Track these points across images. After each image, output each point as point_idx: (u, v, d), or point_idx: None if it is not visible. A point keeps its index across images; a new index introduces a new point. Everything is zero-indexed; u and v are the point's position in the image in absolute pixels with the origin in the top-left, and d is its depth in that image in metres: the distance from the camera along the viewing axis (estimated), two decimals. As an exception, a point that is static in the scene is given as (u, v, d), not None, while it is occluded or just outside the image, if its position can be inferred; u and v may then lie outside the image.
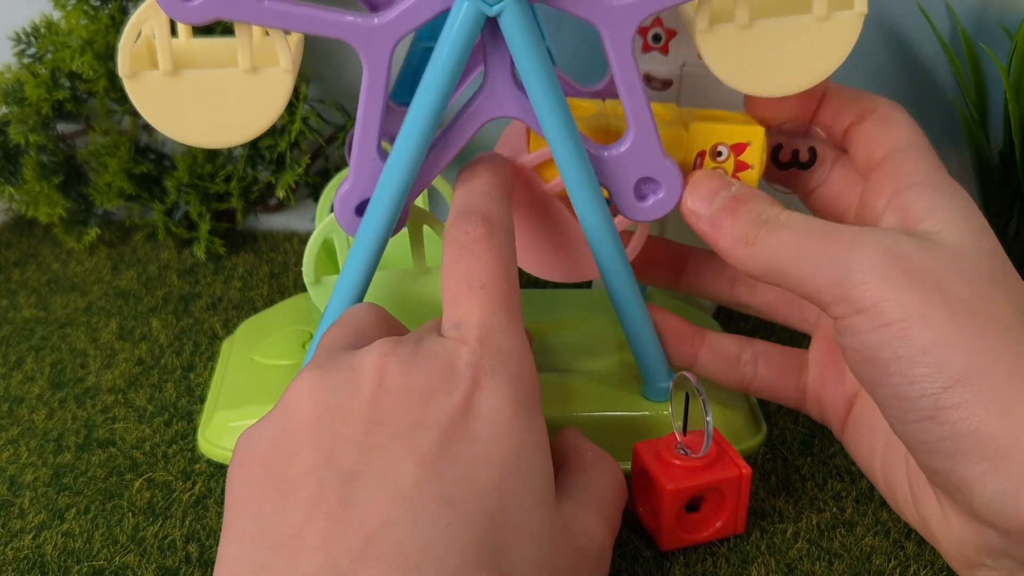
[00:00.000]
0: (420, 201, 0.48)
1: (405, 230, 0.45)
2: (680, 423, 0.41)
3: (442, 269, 0.38)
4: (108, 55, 0.58)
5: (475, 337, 0.35)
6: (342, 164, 0.61)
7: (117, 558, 0.41)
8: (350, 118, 0.61)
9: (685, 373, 0.40)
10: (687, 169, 0.43)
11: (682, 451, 0.41)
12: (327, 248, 0.50)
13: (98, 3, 0.59)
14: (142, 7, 0.40)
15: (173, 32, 0.41)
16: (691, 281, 0.48)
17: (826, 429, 0.48)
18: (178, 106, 0.41)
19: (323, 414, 0.34)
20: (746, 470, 0.40)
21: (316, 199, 0.63)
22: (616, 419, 0.45)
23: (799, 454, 0.47)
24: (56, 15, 0.59)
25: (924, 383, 0.34)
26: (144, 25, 0.40)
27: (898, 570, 0.40)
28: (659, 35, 0.50)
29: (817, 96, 0.43)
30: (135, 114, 0.61)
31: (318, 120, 0.60)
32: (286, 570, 0.31)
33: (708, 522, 0.41)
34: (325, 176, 0.62)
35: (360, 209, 0.42)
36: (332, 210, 0.44)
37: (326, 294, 0.47)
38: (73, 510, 0.43)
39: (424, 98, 0.40)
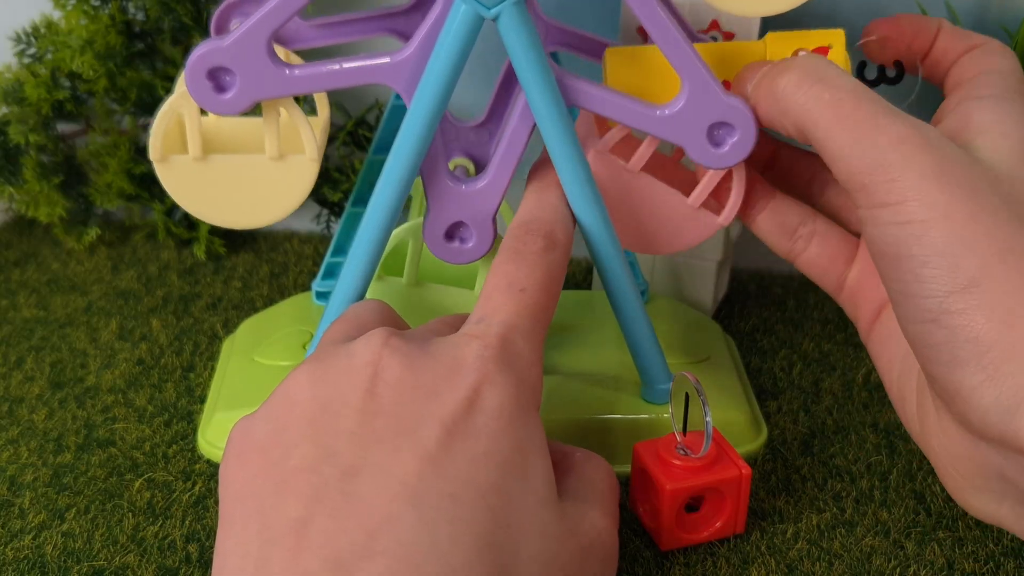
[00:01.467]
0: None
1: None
2: (680, 423, 0.41)
3: (490, 268, 0.38)
4: (108, 55, 0.58)
5: (495, 333, 0.35)
6: (342, 164, 0.61)
7: (117, 558, 0.41)
8: (350, 117, 0.61)
9: (684, 373, 0.40)
10: None
11: (682, 451, 0.41)
12: (399, 251, 0.49)
13: (98, 3, 0.59)
14: (176, 95, 0.42)
15: (202, 111, 0.42)
16: (780, 176, 0.46)
17: (826, 429, 0.48)
18: (206, 189, 0.43)
19: (321, 406, 0.34)
20: (746, 470, 0.40)
21: (316, 199, 0.63)
22: (615, 421, 0.45)
23: (799, 454, 0.47)
24: (56, 15, 0.59)
25: (932, 284, 0.34)
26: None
27: (898, 570, 0.40)
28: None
29: (932, 33, 0.42)
30: (135, 114, 0.61)
31: (318, 120, 0.60)
32: (289, 565, 0.31)
33: (708, 522, 0.41)
34: (325, 176, 0.62)
35: (450, 234, 0.43)
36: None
37: (380, 291, 0.47)
38: (73, 510, 0.43)
39: (422, 102, 0.40)
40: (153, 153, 0.42)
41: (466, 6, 0.38)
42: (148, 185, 0.61)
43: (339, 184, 0.61)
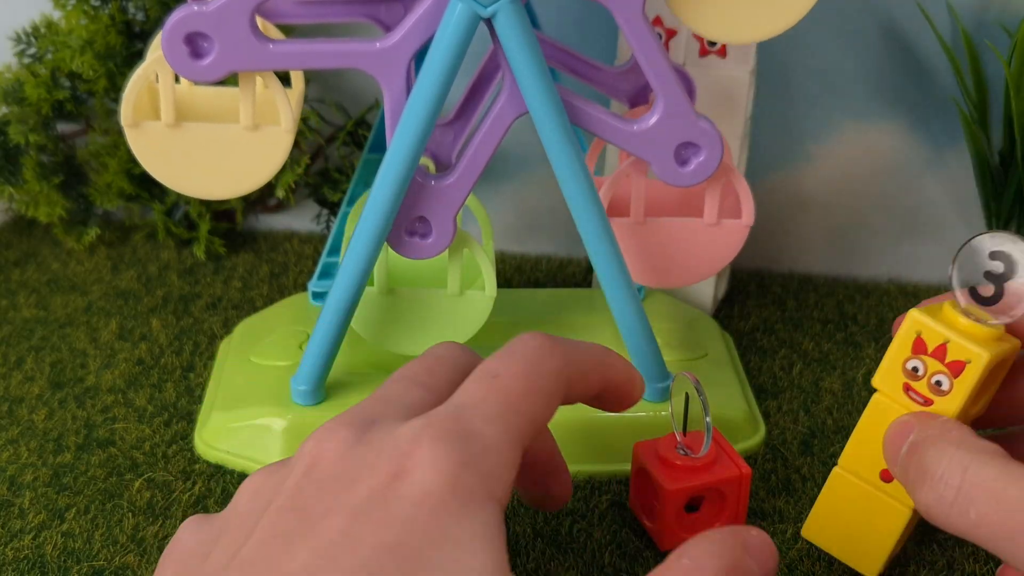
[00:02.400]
0: None
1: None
2: (680, 423, 0.41)
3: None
4: (108, 55, 0.58)
5: (445, 413, 0.31)
6: (342, 164, 0.62)
7: (117, 558, 0.41)
8: (350, 118, 0.61)
9: (684, 373, 0.40)
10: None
11: (682, 451, 0.40)
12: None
13: (98, 3, 0.59)
14: (150, 60, 0.41)
15: (176, 79, 0.41)
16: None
17: (826, 429, 0.48)
18: (177, 157, 0.42)
19: (254, 505, 0.32)
20: (746, 470, 0.40)
21: (316, 199, 0.63)
22: (613, 420, 0.45)
23: (799, 454, 0.47)
24: (56, 15, 0.59)
25: None
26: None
27: (897, 570, 0.40)
28: (659, 35, 0.50)
29: None
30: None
31: (318, 120, 0.60)
32: None
33: (708, 522, 0.41)
34: (325, 176, 0.62)
35: (410, 229, 0.43)
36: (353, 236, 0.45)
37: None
38: (73, 510, 0.43)
39: (419, 101, 0.40)
40: (124, 118, 0.41)
41: (463, 5, 0.38)
42: (148, 185, 0.61)
43: (339, 184, 0.61)
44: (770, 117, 0.58)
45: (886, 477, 0.37)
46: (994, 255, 0.34)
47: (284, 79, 0.46)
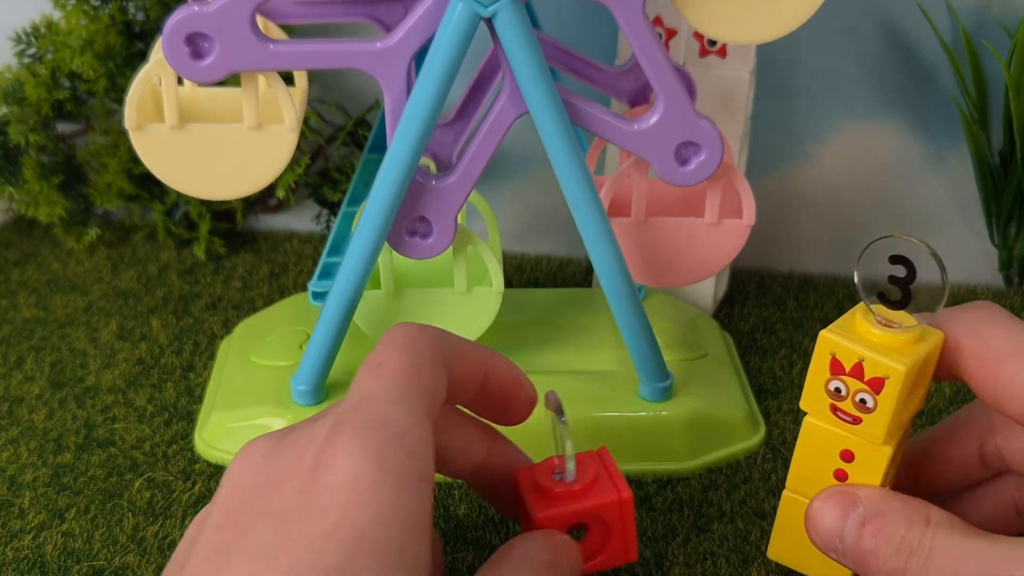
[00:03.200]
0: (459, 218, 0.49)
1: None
2: (560, 445, 0.36)
3: None
4: (108, 55, 0.58)
5: (350, 403, 0.32)
6: (342, 164, 0.62)
7: (117, 558, 0.41)
8: (350, 118, 0.61)
9: (550, 392, 0.36)
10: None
11: (559, 476, 0.36)
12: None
13: (98, 3, 0.59)
14: (152, 63, 0.41)
15: (180, 81, 0.41)
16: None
17: (826, 429, 0.48)
18: (182, 159, 0.42)
19: (191, 528, 0.32)
20: (626, 495, 0.36)
21: (316, 199, 0.63)
22: (613, 419, 0.45)
23: (799, 454, 0.47)
24: (56, 15, 0.59)
25: None
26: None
27: None
28: (659, 35, 0.50)
29: None
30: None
31: (318, 120, 0.60)
32: None
33: (596, 549, 0.37)
34: (325, 176, 0.62)
35: (411, 229, 0.43)
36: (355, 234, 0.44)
37: (361, 308, 0.46)
38: (73, 510, 0.43)
39: (419, 100, 0.40)
40: (128, 121, 0.41)
41: (463, 5, 0.38)
42: (148, 185, 0.61)
43: (339, 184, 0.61)
44: (770, 117, 0.58)
45: None
46: (894, 259, 0.33)
47: (287, 78, 0.46)
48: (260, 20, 0.45)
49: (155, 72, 0.41)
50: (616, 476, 0.36)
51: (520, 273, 0.61)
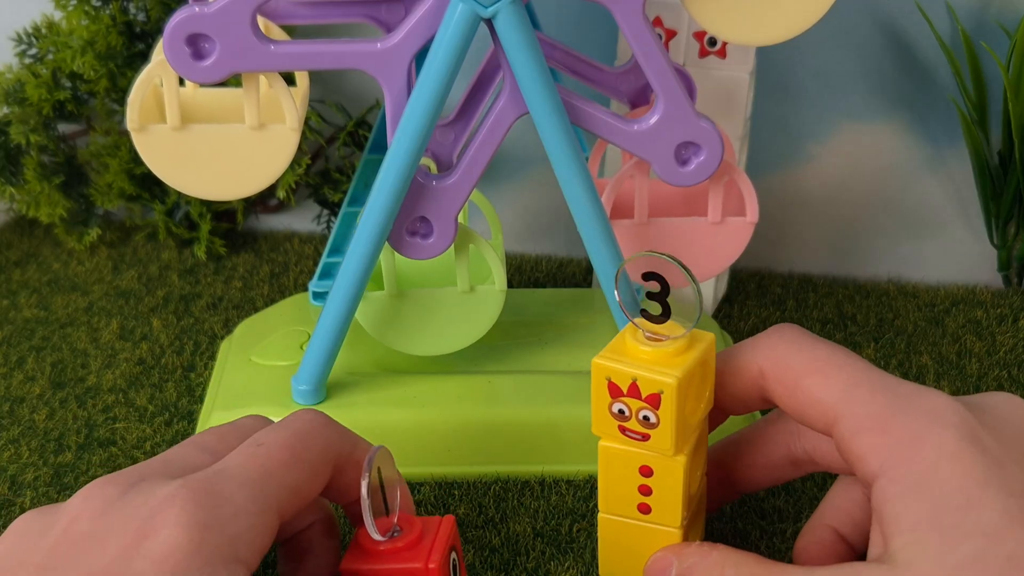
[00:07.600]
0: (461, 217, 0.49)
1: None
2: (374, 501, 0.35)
3: None
4: (109, 56, 0.58)
5: (201, 476, 0.32)
6: (343, 164, 0.62)
7: (118, 558, 0.41)
8: (350, 118, 0.61)
9: (379, 448, 0.35)
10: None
11: (390, 535, 0.36)
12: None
13: (99, 3, 0.59)
14: (153, 63, 0.41)
15: (181, 82, 0.41)
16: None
17: (825, 429, 0.48)
18: (184, 159, 0.42)
19: (12, 549, 0.32)
20: (432, 565, 0.35)
21: (316, 200, 0.63)
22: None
23: (798, 454, 0.47)
24: (57, 15, 0.59)
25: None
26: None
27: (897, 570, 0.40)
28: (659, 35, 0.50)
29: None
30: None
31: (318, 120, 0.60)
32: None
33: None
34: (325, 176, 0.62)
35: (411, 229, 0.43)
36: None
37: (364, 309, 0.46)
38: (74, 510, 0.43)
39: (420, 101, 0.40)
40: (130, 123, 0.41)
41: (463, 5, 0.38)
42: (149, 185, 0.61)
43: (339, 184, 0.61)
44: (770, 117, 0.58)
45: (644, 510, 0.37)
46: (647, 276, 0.34)
47: (288, 78, 0.46)
48: (261, 21, 0.45)
49: (156, 73, 0.41)
50: (439, 545, 0.36)
51: (520, 273, 0.61)
